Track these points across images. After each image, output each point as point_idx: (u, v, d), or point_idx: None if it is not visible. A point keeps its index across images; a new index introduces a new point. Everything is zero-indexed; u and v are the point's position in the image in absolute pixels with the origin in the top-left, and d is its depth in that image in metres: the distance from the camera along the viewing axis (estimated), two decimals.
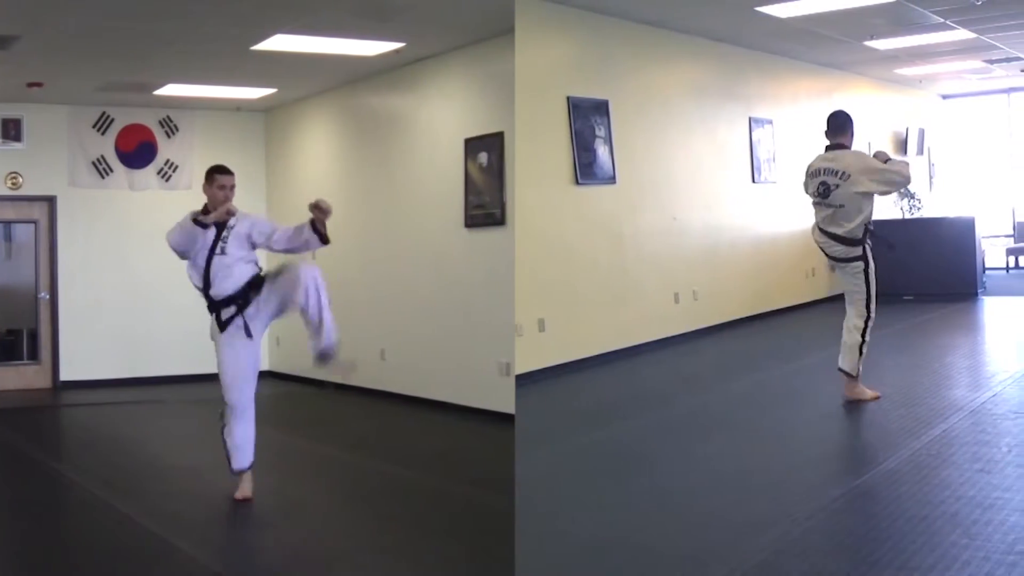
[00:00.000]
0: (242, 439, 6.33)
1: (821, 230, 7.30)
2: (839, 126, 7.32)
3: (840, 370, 7.39)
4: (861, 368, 7.33)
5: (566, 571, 4.57)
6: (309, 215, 6.24)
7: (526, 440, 6.68)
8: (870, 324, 7.28)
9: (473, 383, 9.65)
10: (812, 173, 7.27)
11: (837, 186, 7.06)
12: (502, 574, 4.95)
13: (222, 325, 6.28)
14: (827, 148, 7.32)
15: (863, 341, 7.25)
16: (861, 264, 7.21)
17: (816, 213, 7.33)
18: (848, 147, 7.27)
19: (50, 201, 12.52)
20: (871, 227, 7.22)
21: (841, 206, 7.11)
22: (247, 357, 6.34)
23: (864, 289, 7.23)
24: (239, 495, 6.34)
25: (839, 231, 7.17)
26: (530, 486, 6.63)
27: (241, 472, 6.36)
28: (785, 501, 5.21)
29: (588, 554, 4.73)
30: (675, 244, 11.13)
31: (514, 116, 8.76)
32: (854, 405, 7.34)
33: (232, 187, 6.36)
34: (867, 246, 7.21)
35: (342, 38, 9.29)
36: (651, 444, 6.74)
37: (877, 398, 7.38)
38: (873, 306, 7.25)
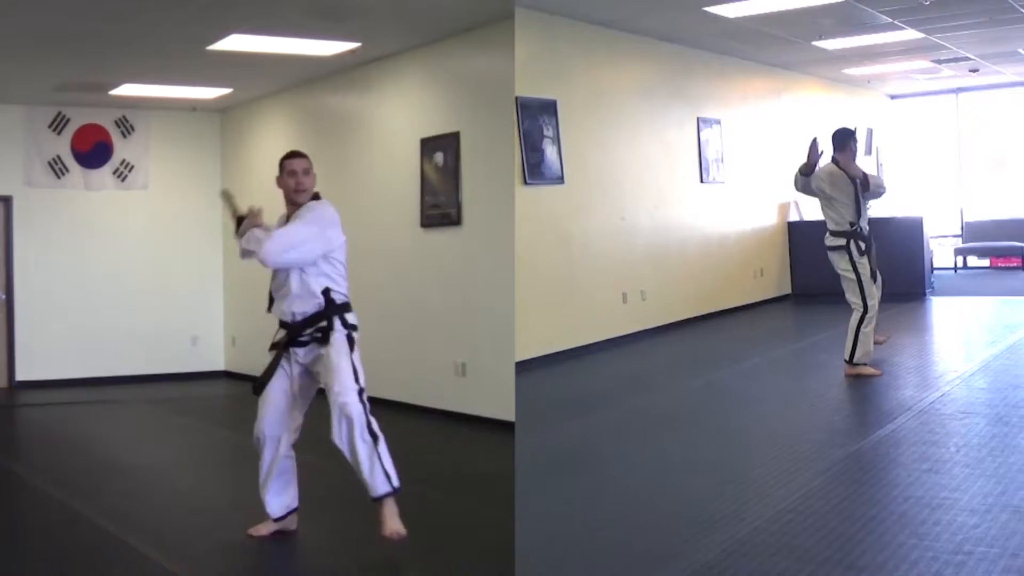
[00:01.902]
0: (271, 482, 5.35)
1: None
2: (838, 144, 8.26)
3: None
4: (859, 353, 8.23)
5: (518, 568, 4.49)
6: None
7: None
8: (867, 315, 8.16)
9: (428, 383, 9.58)
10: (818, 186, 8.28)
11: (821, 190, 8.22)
12: (469, 572, 4.89)
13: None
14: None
15: (858, 329, 8.20)
16: (846, 253, 8.15)
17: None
18: (839, 163, 8.18)
19: (5, 201, 12.38)
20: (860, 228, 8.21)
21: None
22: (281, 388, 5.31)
23: (854, 276, 8.18)
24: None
25: (831, 226, 8.26)
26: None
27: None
28: (734, 500, 5.19)
29: (538, 552, 4.66)
30: (623, 244, 11.08)
31: (513, 115, 8.74)
32: (810, 399, 7.88)
33: (306, 171, 5.17)
34: (851, 241, 8.15)
35: (298, 38, 9.18)
36: (600, 444, 6.69)
37: (879, 374, 8.31)
38: (866, 297, 8.15)
